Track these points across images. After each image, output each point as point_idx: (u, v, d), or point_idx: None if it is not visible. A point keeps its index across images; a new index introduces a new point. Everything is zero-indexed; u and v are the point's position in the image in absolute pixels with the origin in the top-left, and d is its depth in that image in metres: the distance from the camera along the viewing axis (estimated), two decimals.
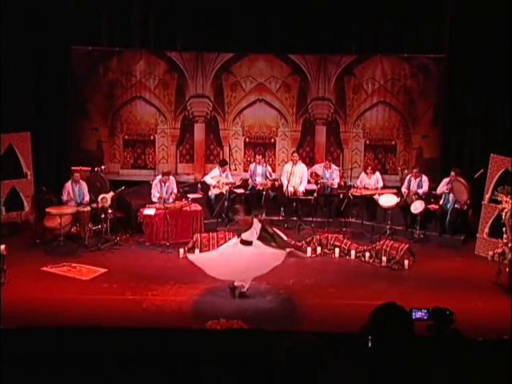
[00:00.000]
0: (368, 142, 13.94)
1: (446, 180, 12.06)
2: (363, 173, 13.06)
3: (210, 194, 12.76)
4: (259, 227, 9.09)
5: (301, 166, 12.96)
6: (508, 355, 4.36)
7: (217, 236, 11.17)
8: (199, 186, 12.96)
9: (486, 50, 12.33)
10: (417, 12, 12.93)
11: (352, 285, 9.97)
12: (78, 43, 13.36)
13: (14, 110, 12.37)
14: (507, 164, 11.18)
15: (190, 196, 12.24)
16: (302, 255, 10.03)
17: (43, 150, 13.18)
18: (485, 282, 9.99)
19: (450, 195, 11.91)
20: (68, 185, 11.87)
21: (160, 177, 12.24)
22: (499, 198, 10.55)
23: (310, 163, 13.64)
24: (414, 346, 3.20)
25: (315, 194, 12.59)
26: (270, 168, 13.33)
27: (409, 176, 12.59)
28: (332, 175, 13.01)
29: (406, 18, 12.99)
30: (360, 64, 13.60)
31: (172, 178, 12.37)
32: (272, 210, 12.69)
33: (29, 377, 4.28)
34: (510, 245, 10.20)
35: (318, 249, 11.24)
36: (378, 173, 12.97)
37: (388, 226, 12.07)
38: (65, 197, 11.79)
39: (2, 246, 9.57)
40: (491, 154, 11.44)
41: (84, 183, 12.05)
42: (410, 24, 13.03)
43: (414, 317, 3.66)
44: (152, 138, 14.13)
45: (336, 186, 12.96)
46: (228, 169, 13.07)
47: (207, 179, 12.90)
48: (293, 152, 13.33)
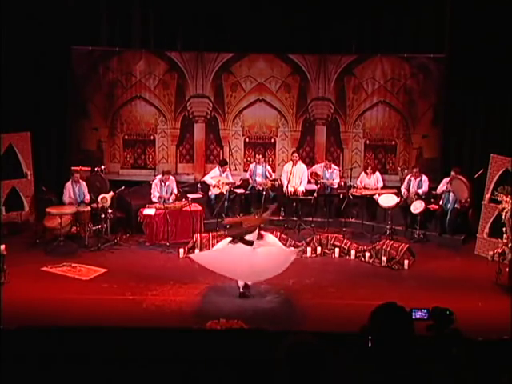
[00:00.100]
0: (368, 142, 13.94)
1: (446, 180, 12.05)
2: (363, 173, 13.06)
3: (210, 194, 12.76)
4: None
5: (301, 166, 12.96)
6: (508, 355, 4.36)
7: (217, 236, 11.17)
8: (199, 185, 12.96)
9: (486, 49, 12.33)
10: (417, 12, 12.94)
11: (352, 285, 9.97)
12: (78, 43, 13.36)
13: (14, 110, 12.37)
14: (507, 164, 11.17)
15: (190, 196, 12.24)
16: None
17: (43, 150, 13.19)
18: (485, 282, 9.99)
19: (450, 195, 11.90)
20: (68, 185, 11.86)
21: (160, 176, 12.24)
22: (499, 198, 10.55)
23: (309, 163, 13.64)
24: (414, 345, 3.20)
25: (315, 194, 12.59)
26: (269, 168, 13.34)
27: (409, 176, 12.59)
28: (332, 175, 13.01)
29: (406, 18, 13.00)
30: (360, 64, 13.59)
31: (172, 178, 12.37)
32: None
33: (29, 377, 4.28)
34: (510, 245, 10.20)
35: (318, 249, 11.24)
36: (377, 173, 12.96)
37: (388, 226, 12.06)
38: (66, 198, 11.78)
39: (2, 246, 9.57)
40: (491, 154, 11.44)
41: (84, 183, 12.05)
42: (410, 24, 13.04)
43: (414, 317, 3.66)
44: (152, 138, 14.13)
45: (336, 186, 12.96)
46: (228, 169, 13.07)
47: (207, 179, 12.90)
48: (293, 152, 13.33)
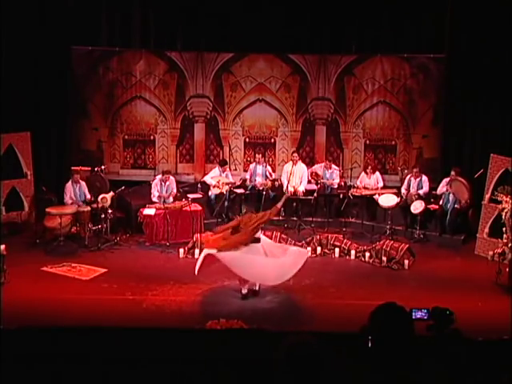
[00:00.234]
0: (368, 141, 13.94)
1: (446, 180, 12.05)
2: (363, 173, 13.05)
3: (210, 193, 12.75)
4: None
5: (301, 166, 12.95)
6: (508, 355, 4.36)
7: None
8: (199, 186, 12.96)
9: (486, 50, 12.33)
10: (417, 12, 12.93)
11: (352, 285, 9.97)
12: (78, 43, 13.35)
13: (14, 110, 12.37)
14: (507, 164, 11.17)
15: (190, 196, 12.24)
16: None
17: (43, 150, 13.18)
18: (485, 282, 9.99)
19: (450, 195, 11.89)
20: (69, 185, 11.85)
21: (160, 176, 12.24)
22: (499, 198, 10.55)
23: (309, 163, 13.63)
24: (414, 345, 3.20)
25: (315, 194, 12.58)
26: (270, 168, 13.34)
27: (409, 176, 12.59)
28: (332, 175, 13.01)
29: (406, 18, 12.99)
30: (360, 64, 13.59)
31: (172, 178, 12.37)
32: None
33: (29, 377, 4.28)
34: (510, 245, 10.20)
35: (318, 249, 11.23)
36: (377, 173, 12.96)
37: (388, 226, 12.06)
38: (67, 199, 11.77)
39: (2, 246, 9.57)
40: (491, 154, 11.44)
41: (84, 183, 12.05)
42: (410, 24, 13.02)
43: (414, 317, 3.65)
44: (152, 138, 14.13)
45: (336, 186, 12.96)
46: (228, 169, 13.07)
47: (207, 179, 12.90)
48: (293, 152, 13.32)
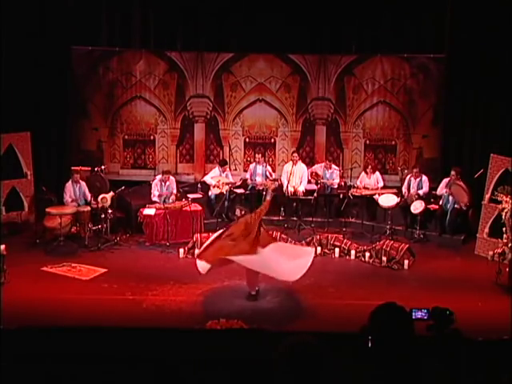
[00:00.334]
0: (368, 141, 13.93)
1: (445, 180, 12.05)
2: (363, 172, 13.05)
3: (210, 193, 12.76)
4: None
5: (301, 166, 12.96)
6: (508, 355, 4.36)
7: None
8: (199, 186, 12.96)
9: (486, 49, 12.32)
10: (417, 12, 12.92)
11: (352, 285, 9.97)
12: (78, 43, 13.35)
13: (14, 110, 12.37)
14: (507, 164, 11.17)
15: (190, 196, 12.24)
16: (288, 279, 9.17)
17: (43, 150, 13.18)
18: (485, 282, 9.99)
19: (450, 196, 11.91)
20: (69, 185, 11.85)
21: (160, 176, 12.24)
22: (499, 198, 10.55)
23: (309, 163, 13.63)
24: (414, 345, 3.20)
25: (315, 194, 12.59)
26: (270, 168, 13.34)
27: (409, 176, 12.59)
28: (332, 175, 13.01)
29: (406, 18, 12.99)
30: (360, 64, 13.58)
31: (172, 178, 12.37)
32: (272, 209, 12.71)
33: (29, 377, 4.28)
34: (510, 245, 10.20)
35: (318, 249, 11.22)
36: (377, 173, 12.96)
37: (388, 226, 12.06)
38: (67, 198, 11.77)
39: (2, 246, 9.57)
40: (491, 154, 11.44)
41: (83, 183, 12.06)
42: (410, 24, 13.01)
43: (414, 317, 3.65)
44: (152, 138, 14.12)
45: (336, 186, 12.96)
46: (228, 169, 13.07)
47: (207, 179, 12.90)
48: (293, 152, 13.32)
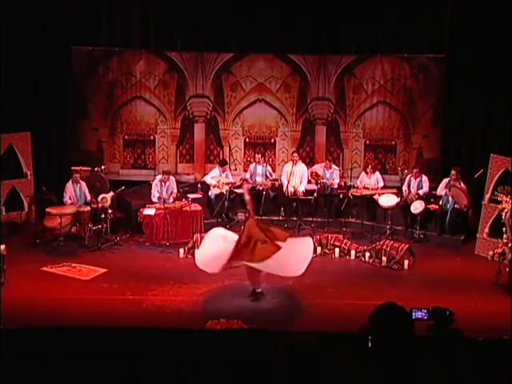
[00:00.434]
0: (368, 141, 13.94)
1: (445, 180, 12.05)
2: (363, 172, 13.05)
3: (210, 193, 12.76)
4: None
5: (301, 166, 12.96)
6: (508, 355, 4.36)
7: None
8: (199, 186, 12.97)
9: (486, 49, 12.32)
10: (417, 12, 12.92)
11: (352, 285, 9.97)
12: (78, 43, 13.35)
13: (14, 110, 12.37)
14: (507, 164, 11.17)
15: (190, 196, 12.24)
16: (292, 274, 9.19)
17: (43, 150, 13.18)
18: (485, 282, 9.99)
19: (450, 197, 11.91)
20: (69, 185, 11.85)
21: (160, 177, 12.24)
22: (499, 198, 10.55)
23: (309, 163, 13.63)
24: (414, 345, 3.20)
25: (315, 194, 12.59)
26: (270, 168, 13.34)
27: (409, 176, 12.59)
28: (332, 175, 13.01)
29: (406, 18, 12.98)
30: (360, 64, 13.59)
31: (172, 178, 12.37)
32: (272, 209, 12.73)
33: (29, 377, 4.28)
34: (510, 245, 10.20)
35: (318, 249, 11.23)
36: (377, 173, 12.95)
37: (388, 226, 12.06)
38: (67, 198, 11.77)
39: (2, 246, 9.57)
40: (491, 154, 11.44)
41: (84, 183, 12.06)
42: (410, 24, 13.01)
43: (414, 317, 3.65)
44: (152, 138, 14.13)
45: (336, 186, 12.96)
46: (228, 169, 13.08)
47: (207, 179, 12.90)
48: (293, 152, 13.32)
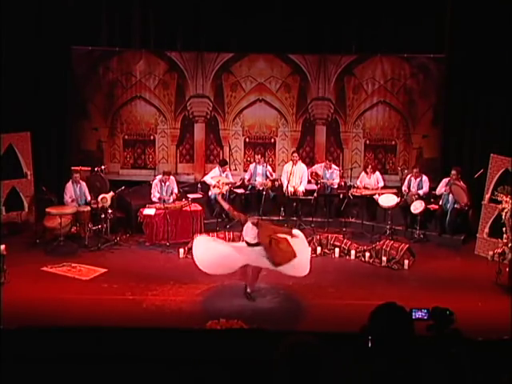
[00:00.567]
0: (368, 142, 13.94)
1: (445, 180, 12.05)
2: (363, 172, 13.05)
3: (210, 194, 12.75)
4: (253, 230, 8.99)
5: (301, 166, 12.96)
6: (508, 355, 4.36)
7: (217, 236, 11.16)
8: (199, 186, 12.96)
9: (486, 49, 12.32)
10: (417, 12, 12.92)
11: (352, 285, 9.97)
12: (78, 43, 13.35)
13: (14, 110, 12.37)
14: (507, 164, 11.17)
15: (190, 196, 12.24)
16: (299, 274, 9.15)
17: (43, 150, 13.19)
18: (485, 282, 9.99)
19: (450, 195, 11.90)
20: (69, 186, 11.85)
21: (160, 177, 12.24)
22: (499, 198, 10.55)
23: (309, 163, 13.63)
24: (414, 345, 3.20)
25: (315, 194, 12.59)
26: (270, 168, 13.34)
27: (409, 176, 12.59)
28: (332, 175, 13.01)
29: (406, 18, 12.99)
30: (360, 64, 13.59)
31: (172, 178, 12.36)
32: (272, 209, 12.73)
33: (29, 377, 4.28)
34: (510, 245, 10.20)
35: (318, 249, 11.23)
36: (377, 173, 12.96)
37: (388, 226, 12.06)
38: (68, 199, 11.77)
39: (2, 246, 9.57)
40: (491, 154, 11.44)
41: (84, 183, 12.06)
42: (410, 24, 13.00)
43: (414, 317, 3.65)
44: (152, 138, 14.13)
45: (336, 186, 12.96)
46: (228, 169, 13.08)
47: (207, 179, 12.90)
48: (293, 152, 13.33)
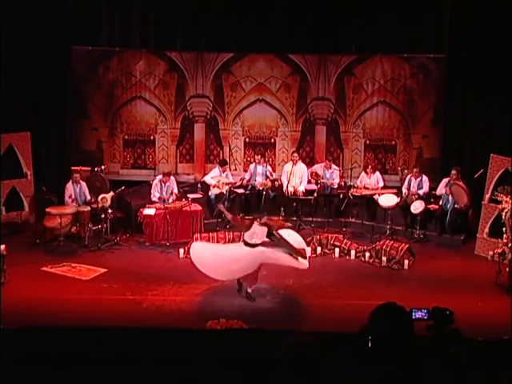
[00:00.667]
0: (368, 141, 13.94)
1: (445, 180, 12.05)
2: (363, 172, 13.05)
3: (210, 193, 12.76)
4: (262, 231, 9.00)
5: (301, 166, 12.96)
6: (508, 355, 4.36)
7: (217, 236, 11.18)
8: (199, 186, 12.96)
9: (486, 49, 12.33)
10: (417, 12, 12.92)
11: (352, 285, 9.97)
12: (78, 43, 13.35)
13: (14, 110, 12.37)
14: (507, 164, 11.17)
15: (190, 196, 12.24)
16: (302, 267, 9.21)
17: (43, 150, 13.18)
18: (485, 282, 9.99)
19: (450, 195, 11.91)
20: (69, 186, 11.84)
21: (160, 177, 12.24)
22: (499, 198, 10.55)
23: (310, 163, 13.63)
24: (414, 345, 3.20)
25: (315, 194, 12.58)
26: (270, 168, 13.34)
27: (409, 176, 12.59)
28: (332, 175, 13.01)
29: (406, 18, 12.99)
30: (360, 64, 13.59)
31: (172, 178, 12.36)
32: (272, 209, 12.72)
33: (29, 377, 4.28)
34: (510, 245, 10.20)
35: (318, 249, 11.23)
36: (377, 173, 12.95)
37: (388, 226, 12.06)
38: (68, 199, 11.76)
39: (2, 246, 9.57)
40: (491, 154, 11.44)
41: (84, 183, 12.06)
42: (410, 24, 13.01)
43: (414, 317, 3.65)
44: (152, 138, 14.13)
45: (336, 186, 12.96)
46: (228, 169, 13.08)
47: (207, 179, 12.90)
48: (293, 152, 13.32)
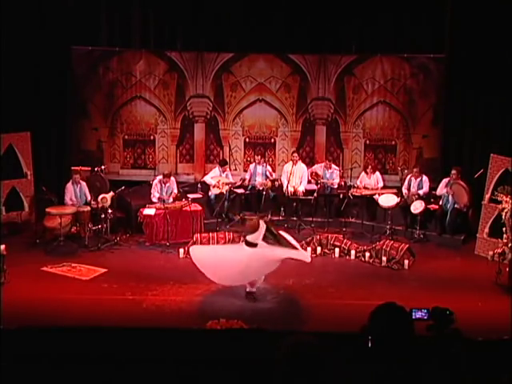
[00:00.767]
0: (368, 141, 13.94)
1: (445, 180, 12.05)
2: (363, 172, 13.05)
3: (210, 194, 12.76)
4: (264, 229, 9.03)
5: (301, 166, 12.96)
6: (508, 355, 4.36)
7: (217, 236, 11.18)
8: (199, 186, 12.96)
9: (486, 49, 12.33)
10: (417, 12, 12.93)
11: (352, 285, 9.97)
12: (78, 43, 13.35)
13: (14, 110, 12.37)
14: (507, 164, 11.17)
15: (190, 196, 12.24)
16: (305, 259, 9.32)
17: (43, 150, 13.18)
18: (485, 282, 9.99)
19: (450, 195, 11.91)
20: (69, 186, 11.84)
21: (160, 177, 12.24)
22: (499, 198, 10.55)
23: (309, 163, 13.63)
24: (414, 345, 3.20)
25: (315, 194, 12.59)
26: (270, 168, 13.34)
27: (409, 176, 12.59)
28: (332, 175, 13.01)
29: (406, 18, 12.99)
30: (360, 64, 13.59)
31: (172, 179, 12.36)
32: (272, 210, 12.72)
33: (29, 377, 4.28)
34: (510, 245, 10.20)
35: (318, 249, 11.24)
36: (377, 173, 12.95)
37: (388, 226, 12.06)
38: (68, 200, 11.75)
39: (2, 246, 9.57)
40: (491, 154, 11.44)
41: (84, 183, 12.06)
42: (410, 24, 13.02)
43: (414, 317, 3.65)
44: (152, 138, 14.13)
45: (336, 186, 12.96)
46: (228, 169, 13.08)
47: (207, 179, 12.90)
48: (293, 152, 13.32)
